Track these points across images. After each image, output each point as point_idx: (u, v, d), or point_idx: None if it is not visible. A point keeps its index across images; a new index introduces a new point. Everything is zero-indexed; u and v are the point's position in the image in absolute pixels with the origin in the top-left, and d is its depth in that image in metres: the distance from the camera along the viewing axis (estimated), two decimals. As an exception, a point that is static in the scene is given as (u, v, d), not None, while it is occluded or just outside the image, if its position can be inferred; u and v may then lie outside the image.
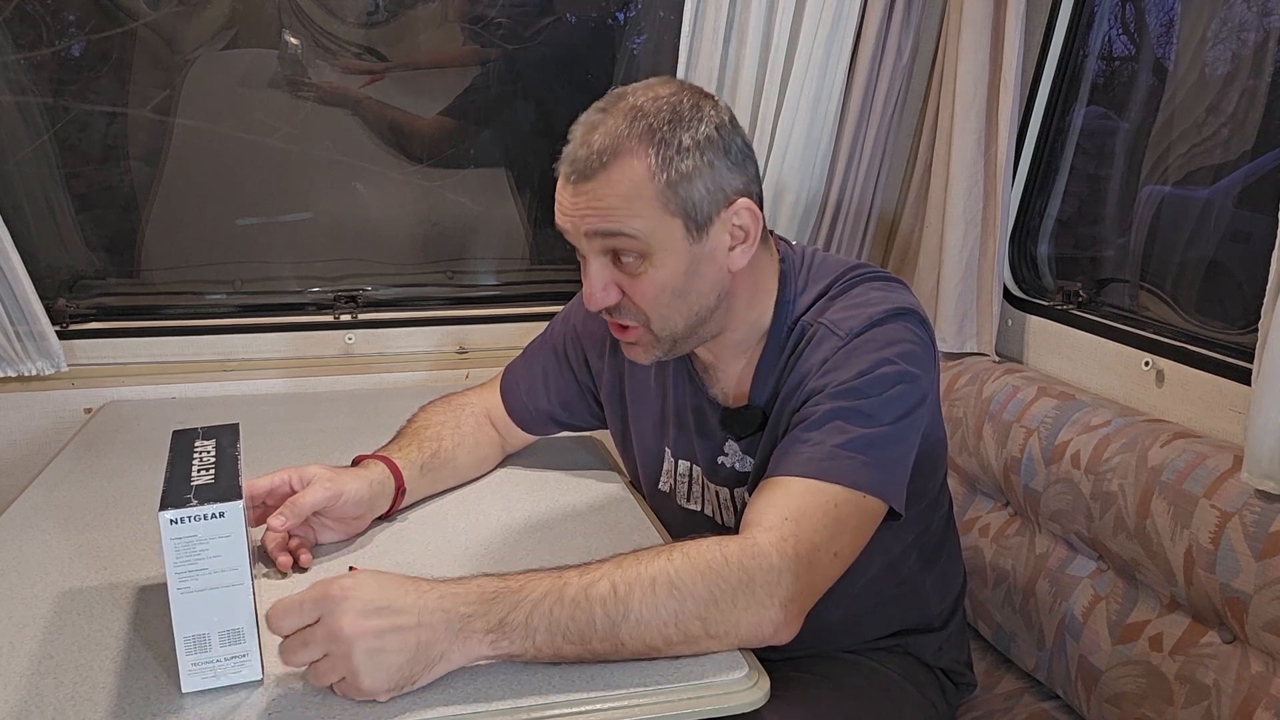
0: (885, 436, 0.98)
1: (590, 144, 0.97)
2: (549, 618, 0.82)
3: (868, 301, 1.04)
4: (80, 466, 1.35)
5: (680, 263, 1.00)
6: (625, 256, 1.00)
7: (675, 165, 0.97)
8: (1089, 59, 1.69)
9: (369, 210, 1.96)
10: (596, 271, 1.02)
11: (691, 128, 0.98)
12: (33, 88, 1.72)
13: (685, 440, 1.20)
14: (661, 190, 0.97)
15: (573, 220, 1.00)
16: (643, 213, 0.97)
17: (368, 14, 1.85)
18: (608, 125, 0.97)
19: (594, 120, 0.99)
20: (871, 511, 0.97)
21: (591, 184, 0.97)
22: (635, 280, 1.01)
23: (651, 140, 0.96)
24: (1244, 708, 1.06)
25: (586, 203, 0.98)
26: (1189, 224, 1.57)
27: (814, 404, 1.00)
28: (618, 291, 1.03)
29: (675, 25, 1.71)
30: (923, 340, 1.04)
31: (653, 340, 1.06)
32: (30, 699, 0.81)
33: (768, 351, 1.10)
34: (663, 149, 0.96)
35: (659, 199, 0.97)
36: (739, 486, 1.15)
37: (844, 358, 1.01)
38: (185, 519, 0.78)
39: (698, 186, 0.98)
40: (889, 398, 0.99)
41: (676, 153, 0.97)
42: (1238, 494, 1.10)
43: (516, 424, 1.33)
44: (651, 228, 0.98)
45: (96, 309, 1.81)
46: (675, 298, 1.02)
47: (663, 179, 0.96)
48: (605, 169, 0.96)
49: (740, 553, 0.89)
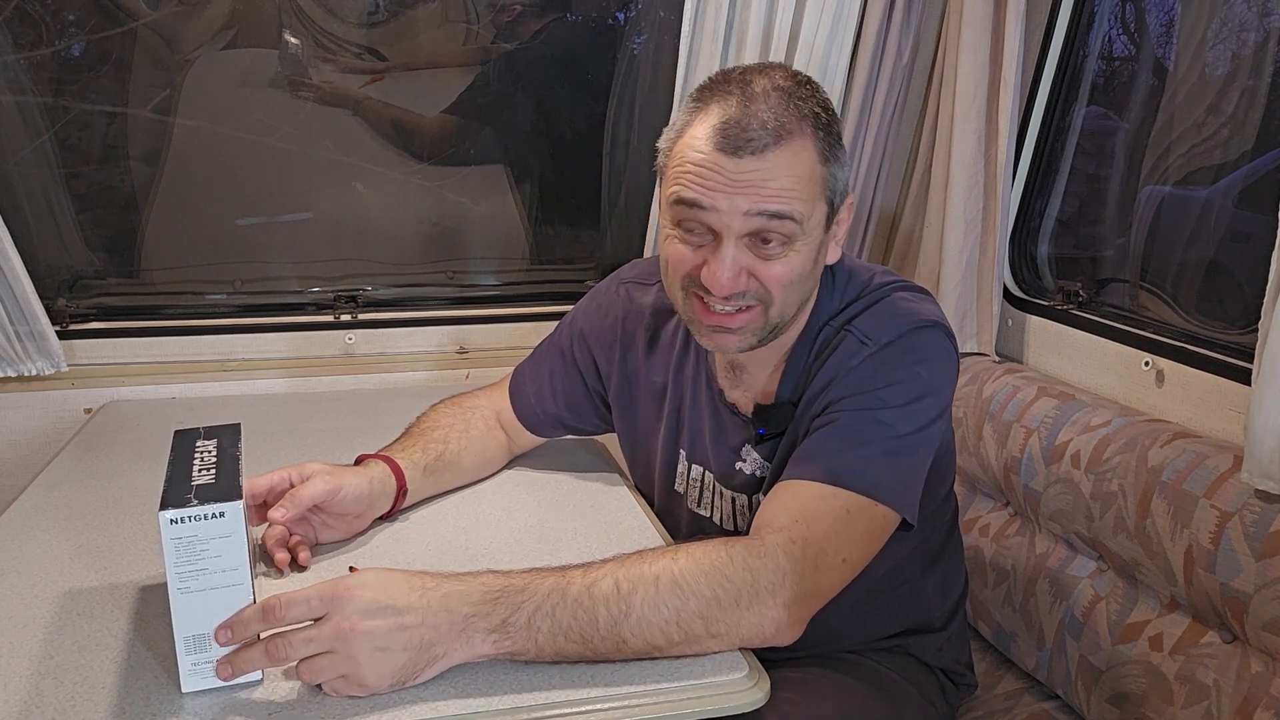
0: (903, 447, 0.98)
1: (759, 117, 0.93)
2: (551, 618, 0.83)
3: (896, 311, 1.04)
4: (80, 466, 1.35)
5: (814, 249, 0.99)
6: (771, 239, 0.96)
7: (834, 151, 0.97)
8: (1089, 59, 1.69)
9: (369, 210, 1.96)
10: (735, 255, 0.96)
11: (836, 119, 0.99)
12: (33, 88, 1.72)
13: (701, 445, 1.19)
14: (825, 175, 0.97)
15: (730, 196, 0.94)
16: (808, 197, 0.96)
17: (368, 14, 1.85)
18: (770, 103, 0.94)
19: (746, 91, 0.95)
20: (883, 520, 0.97)
21: (764, 160, 0.93)
22: (769, 263, 0.97)
23: (817, 123, 0.96)
24: (1244, 708, 1.06)
25: (757, 179, 0.93)
26: (1189, 224, 1.57)
27: (836, 410, 1.00)
28: (747, 276, 0.98)
29: (675, 25, 1.71)
30: (949, 353, 1.04)
31: (761, 325, 1.01)
32: (30, 699, 0.81)
33: (796, 353, 1.09)
34: (825, 133, 0.97)
35: (822, 183, 0.97)
36: (757, 493, 1.14)
37: (871, 366, 1.00)
38: (185, 519, 0.78)
39: (841, 175, 0.99)
40: (911, 409, 0.98)
41: (834, 138, 0.98)
42: (1238, 494, 1.10)
43: (525, 426, 1.32)
44: (809, 213, 0.97)
45: (96, 309, 1.81)
46: (802, 282, 1.00)
47: (827, 164, 0.97)
48: (780, 146, 0.94)
49: (746, 553, 0.89)
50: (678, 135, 1.00)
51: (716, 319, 1.01)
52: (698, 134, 0.96)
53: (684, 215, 0.98)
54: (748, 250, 0.97)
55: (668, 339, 1.21)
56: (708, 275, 0.97)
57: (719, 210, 0.95)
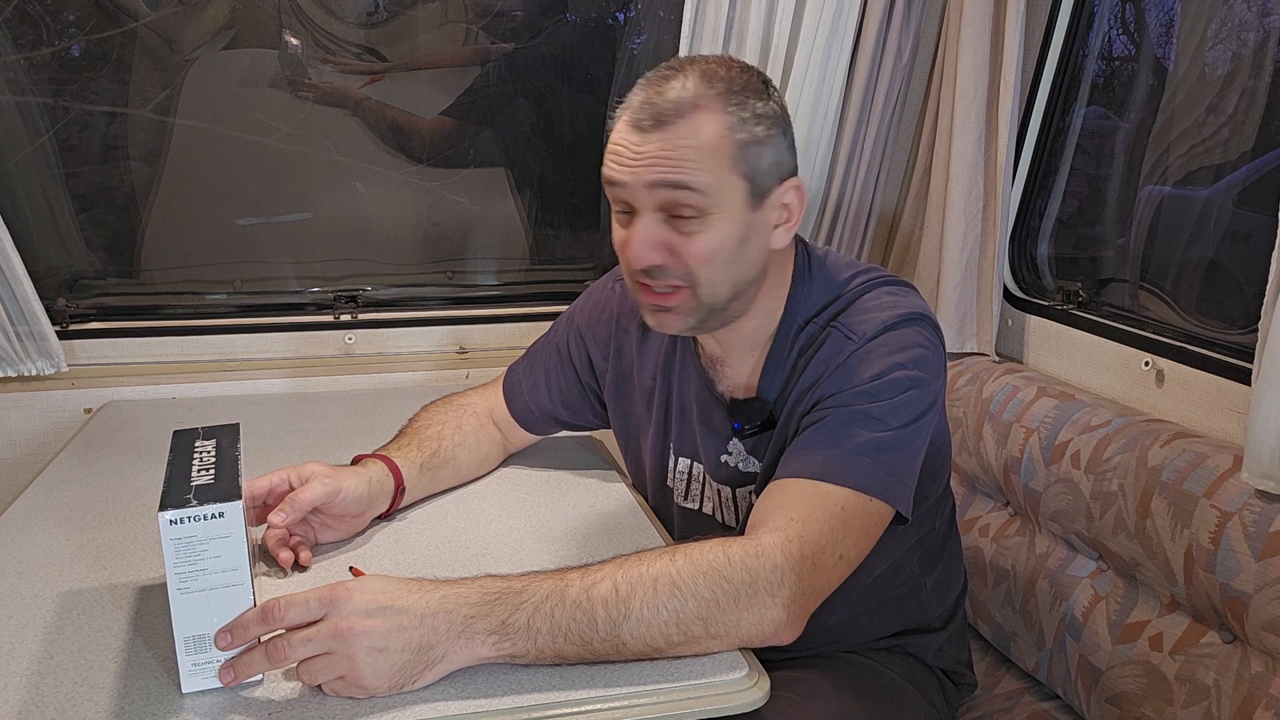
0: (894, 441, 0.98)
1: (666, 94, 0.96)
2: (550, 619, 0.83)
3: (880, 305, 1.04)
4: (80, 466, 1.35)
5: (735, 227, 1.00)
6: (683, 213, 0.98)
7: (750, 128, 0.98)
8: (1089, 59, 1.69)
9: (369, 210, 1.96)
10: (646, 227, 0.99)
11: (764, 99, 1.00)
12: (33, 88, 1.72)
13: (689, 436, 1.19)
14: (735, 149, 0.97)
15: (635, 170, 0.97)
16: (714, 168, 0.97)
17: (368, 14, 1.85)
18: (684, 80, 0.97)
19: (666, 74, 0.99)
20: (878, 515, 0.97)
21: (665, 133, 0.96)
22: (688, 239, 0.99)
23: (730, 100, 0.97)
24: (1244, 708, 1.06)
25: (657, 150, 0.96)
26: (1189, 224, 1.57)
27: (825, 407, 1.00)
28: (665, 251, 1.00)
29: (675, 25, 1.71)
30: (934, 345, 1.04)
31: (693, 306, 1.03)
32: (30, 699, 0.81)
33: (776, 348, 1.09)
34: (740, 110, 0.97)
35: (731, 157, 0.97)
36: (741, 486, 1.15)
37: (857, 361, 1.01)
38: (185, 519, 0.78)
39: (765, 154, 0.99)
40: (899, 402, 0.99)
41: (752, 116, 0.98)
42: (1238, 494, 1.10)
43: (519, 423, 1.33)
44: (719, 185, 0.97)
45: (96, 309, 1.81)
46: (727, 262, 1.01)
47: (737, 138, 0.97)
48: (683, 119, 0.96)
49: (744, 553, 0.89)
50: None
51: (655, 298, 1.03)
52: (622, 117, 1.00)
53: (610, 194, 1.02)
54: (665, 226, 0.99)
55: (657, 335, 1.22)
56: (629, 249, 1.00)
57: (626, 184, 0.98)
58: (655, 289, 1.02)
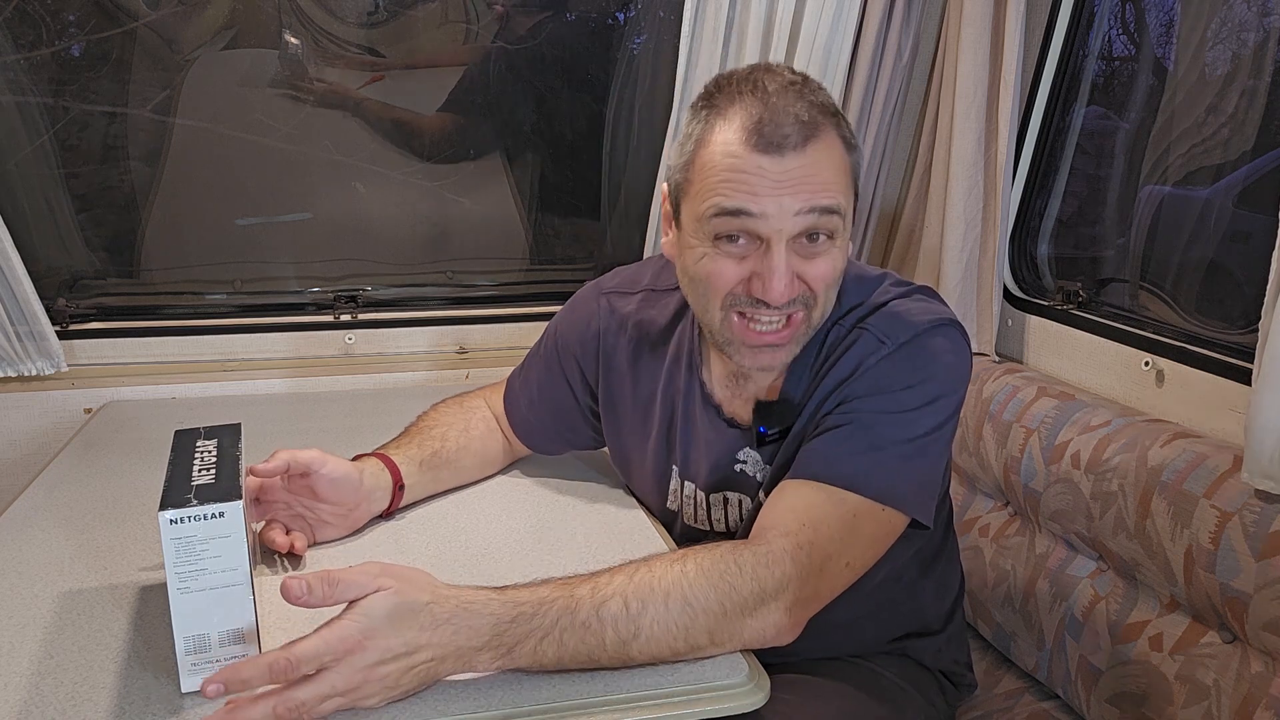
0: (918, 450, 0.97)
1: (789, 112, 0.90)
2: (559, 644, 0.82)
3: (912, 310, 1.02)
4: (80, 466, 1.35)
5: (846, 245, 0.97)
6: (820, 237, 0.93)
7: (851, 141, 0.96)
8: (1089, 59, 1.69)
9: (369, 210, 1.96)
10: (785, 259, 0.92)
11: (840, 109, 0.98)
12: (33, 88, 1.72)
13: (695, 462, 1.15)
14: (852, 166, 0.95)
15: (779, 198, 0.89)
16: (845, 188, 0.94)
17: (368, 14, 1.84)
18: (791, 98, 0.91)
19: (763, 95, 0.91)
20: (889, 524, 0.96)
21: (805, 156, 0.90)
22: (813, 262, 0.93)
23: (838, 117, 0.95)
24: (1244, 708, 1.06)
25: (801, 175, 0.89)
26: (1189, 224, 1.57)
27: (850, 409, 0.98)
28: (797, 281, 0.94)
29: (675, 25, 1.71)
30: (964, 353, 1.02)
31: (804, 332, 0.98)
32: (30, 699, 0.81)
33: (802, 352, 1.04)
34: (844, 127, 0.95)
35: (850, 174, 0.95)
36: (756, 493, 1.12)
37: (888, 366, 0.98)
38: (185, 519, 0.78)
39: (860, 164, 0.98)
40: (927, 411, 0.97)
41: (848, 128, 0.96)
42: (1238, 494, 1.10)
43: (519, 438, 1.31)
44: (848, 205, 0.95)
45: (96, 309, 1.81)
46: (840, 277, 0.98)
47: (852, 155, 0.95)
48: (816, 139, 0.90)
49: (755, 562, 0.88)
50: (696, 146, 0.95)
51: (764, 338, 0.97)
52: (726, 139, 0.91)
53: (727, 227, 0.93)
54: (794, 253, 0.93)
55: (653, 351, 1.18)
56: (761, 288, 0.93)
57: (768, 215, 0.90)
58: (768, 324, 0.96)
